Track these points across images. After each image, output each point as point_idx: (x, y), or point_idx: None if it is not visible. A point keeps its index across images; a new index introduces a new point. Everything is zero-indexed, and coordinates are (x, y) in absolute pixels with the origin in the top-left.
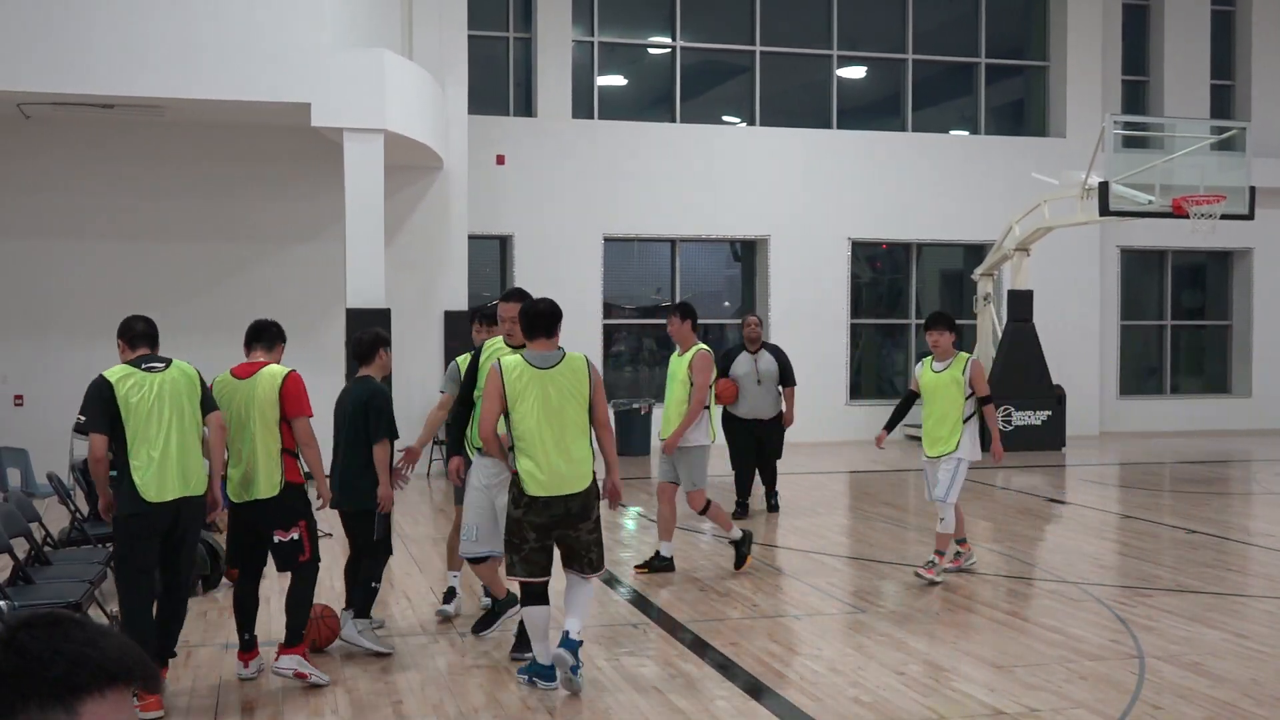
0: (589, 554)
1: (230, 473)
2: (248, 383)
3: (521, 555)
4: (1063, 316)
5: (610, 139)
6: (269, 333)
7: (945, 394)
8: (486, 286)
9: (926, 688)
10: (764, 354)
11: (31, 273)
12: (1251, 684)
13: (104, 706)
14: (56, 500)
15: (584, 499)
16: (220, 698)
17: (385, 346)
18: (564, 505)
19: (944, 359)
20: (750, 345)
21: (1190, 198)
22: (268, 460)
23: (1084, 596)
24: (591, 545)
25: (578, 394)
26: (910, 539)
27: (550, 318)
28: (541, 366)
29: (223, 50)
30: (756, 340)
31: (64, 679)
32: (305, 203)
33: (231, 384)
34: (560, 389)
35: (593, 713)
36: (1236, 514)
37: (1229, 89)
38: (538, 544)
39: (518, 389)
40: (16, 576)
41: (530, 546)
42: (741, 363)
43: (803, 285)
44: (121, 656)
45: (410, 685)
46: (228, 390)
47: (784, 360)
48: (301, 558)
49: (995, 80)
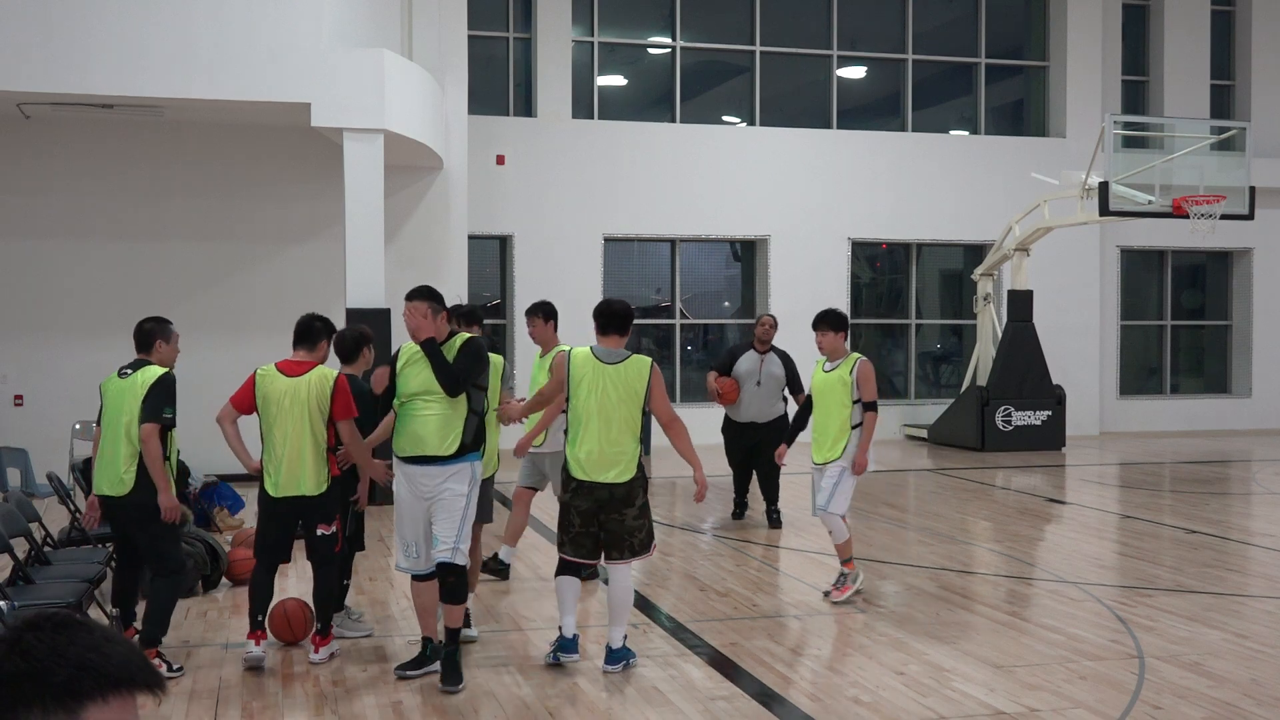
0: (632, 539)
1: (268, 467)
2: (294, 381)
3: (570, 536)
4: (1063, 316)
5: (610, 139)
6: (312, 331)
7: (832, 395)
8: (486, 286)
9: (926, 688)
10: (772, 357)
11: (31, 273)
12: (1251, 684)
13: (107, 712)
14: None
15: (627, 488)
16: (220, 698)
17: (369, 345)
18: (607, 491)
19: (834, 359)
20: (759, 345)
21: (1190, 198)
22: (316, 458)
23: (1084, 596)
24: (635, 530)
25: (634, 393)
26: (910, 539)
27: (623, 318)
28: (606, 362)
29: (223, 50)
30: (767, 342)
31: (68, 684)
32: (305, 203)
33: (278, 380)
34: (618, 385)
35: (593, 713)
36: (1236, 514)
37: (1229, 89)
38: (583, 529)
39: (579, 377)
40: (16, 576)
41: (576, 530)
42: (746, 361)
43: (803, 285)
44: (126, 663)
45: (410, 685)
46: (272, 384)
47: (792, 368)
48: (335, 549)
49: (995, 80)
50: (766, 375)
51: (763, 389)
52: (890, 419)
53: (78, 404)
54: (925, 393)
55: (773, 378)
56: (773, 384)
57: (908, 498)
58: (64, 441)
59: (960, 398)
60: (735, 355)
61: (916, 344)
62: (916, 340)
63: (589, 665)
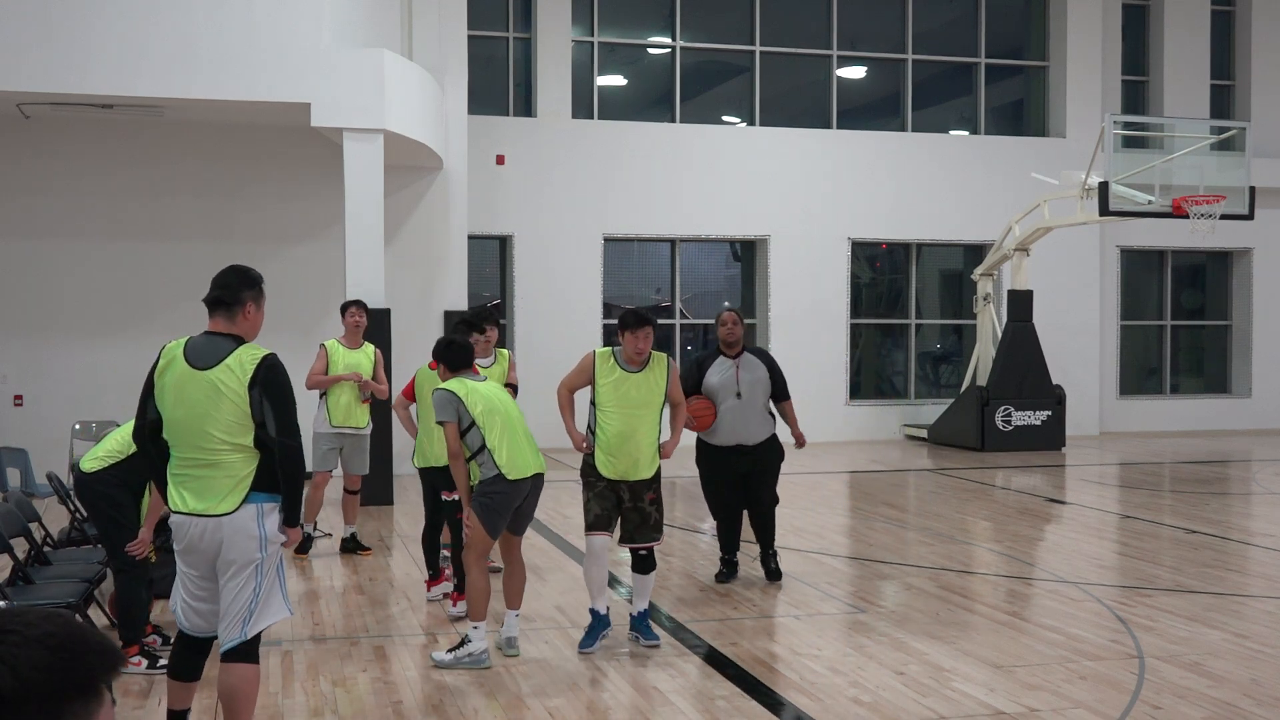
0: (650, 520)
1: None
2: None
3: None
4: (1063, 316)
5: (610, 139)
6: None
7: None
8: (486, 286)
9: (926, 688)
10: (747, 359)
11: (31, 273)
12: (1251, 684)
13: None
14: (56, 500)
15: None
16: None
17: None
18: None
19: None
20: (727, 349)
21: (1190, 198)
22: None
23: (1084, 596)
24: (652, 514)
25: (657, 390)
26: (910, 539)
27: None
28: (626, 370)
29: (223, 50)
30: (736, 342)
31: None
32: (305, 203)
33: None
34: (640, 387)
35: (592, 713)
36: (1236, 514)
37: (1229, 89)
38: (603, 504)
39: (605, 382)
40: (16, 576)
41: (595, 513)
42: (717, 370)
43: (803, 285)
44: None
45: (410, 685)
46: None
47: (775, 370)
48: (459, 514)
49: (995, 80)
50: (747, 383)
51: (745, 401)
52: (890, 419)
53: (77, 404)
54: (925, 393)
55: (755, 384)
56: (758, 392)
57: (908, 498)
58: (64, 441)
59: (960, 398)
60: (703, 367)
61: (916, 344)
62: (916, 340)
63: (589, 665)
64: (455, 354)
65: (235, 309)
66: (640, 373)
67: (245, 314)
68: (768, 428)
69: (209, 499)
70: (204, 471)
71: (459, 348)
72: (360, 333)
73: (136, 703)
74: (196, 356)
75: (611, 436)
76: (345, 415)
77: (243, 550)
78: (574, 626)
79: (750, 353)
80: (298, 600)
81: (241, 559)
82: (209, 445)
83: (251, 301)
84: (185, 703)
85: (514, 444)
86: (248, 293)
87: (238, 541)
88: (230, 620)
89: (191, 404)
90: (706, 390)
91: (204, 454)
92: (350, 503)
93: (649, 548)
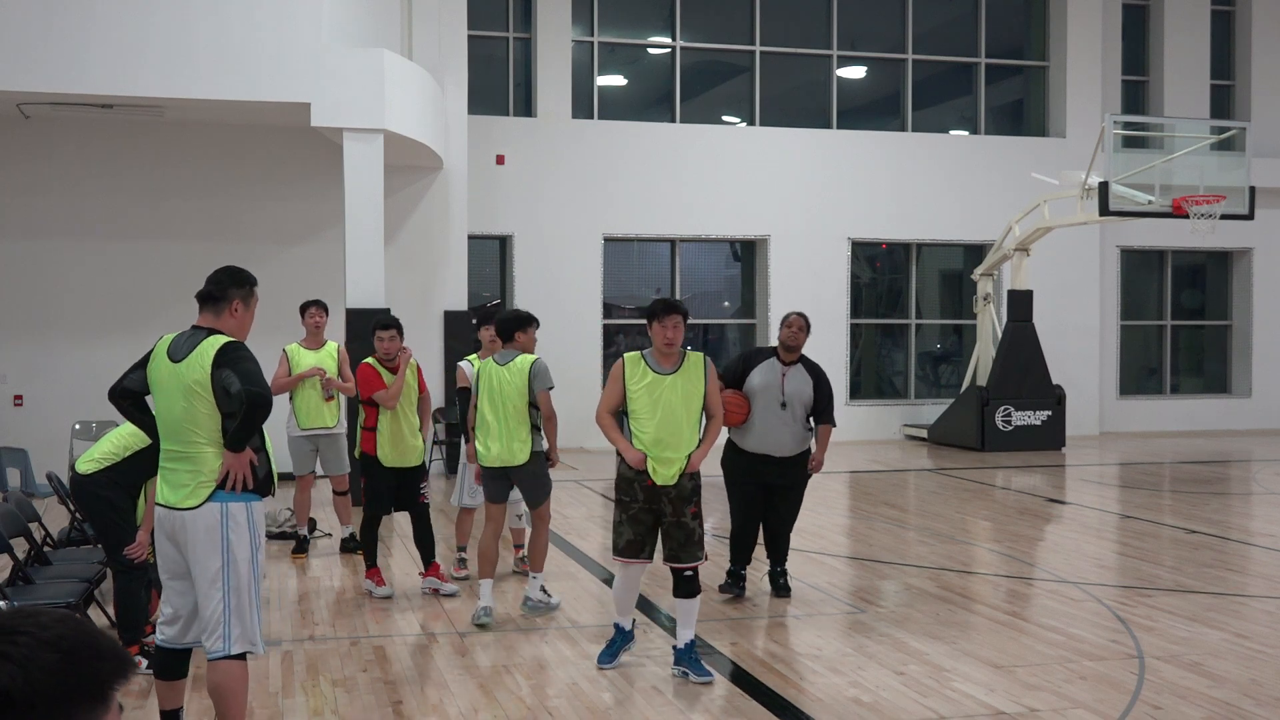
0: (695, 537)
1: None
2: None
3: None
4: (1063, 316)
5: (610, 139)
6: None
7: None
8: (486, 286)
9: (926, 688)
10: (799, 370)
11: (31, 273)
12: (1251, 684)
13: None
14: (56, 500)
15: (678, 487)
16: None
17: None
18: (662, 493)
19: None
20: (785, 354)
21: (1190, 198)
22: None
23: (1084, 596)
24: (695, 529)
25: (695, 394)
26: (910, 539)
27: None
28: (659, 372)
29: (223, 50)
30: (796, 349)
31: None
32: (305, 203)
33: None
34: (675, 389)
35: (592, 713)
36: (1236, 514)
37: (1229, 89)
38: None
39: (638, 387)
40: (16, 576)
41: (627, 538)
42: (764, 371)
43: (802, 285)
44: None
45: (410, 685)
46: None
47: (824, 388)
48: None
49: (995, 80)
50: (793, 394)
51: (788, 413)
52: (890, 419)
53: (77, 404)
54: (925, 393)
55: (799, 397)
56: (796, 405)
57: (908, 498)
58: (64, 442)
59: (960, 398)
60: (750, 363)
61: (916, 344)
62: (916, 340)
63: (588, 665)
64: (509, 324)
65: (222, 305)
66: (674, 374)
67: (231, 312)
68: (800, 443)
69: (179, 491)
70: (177, 464)
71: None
72: (321, 333)
73: (136, 702)
74: (175, 350)
75: (648, 445)
76: (312, 416)
77: (203, 550)
78: (574, 627)
79: (805, 364)
80: (297, 600)
81: (203, 559)
82: (185, 438)
83: (239, 300)
84: (176, 702)
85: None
86: (235, 291)
87: (199, 539)
88: (210, 632)
89: (168, 396)
90: (748, 389)
91: (181, 446)
92: (341, 504)
93: (694, 568)
